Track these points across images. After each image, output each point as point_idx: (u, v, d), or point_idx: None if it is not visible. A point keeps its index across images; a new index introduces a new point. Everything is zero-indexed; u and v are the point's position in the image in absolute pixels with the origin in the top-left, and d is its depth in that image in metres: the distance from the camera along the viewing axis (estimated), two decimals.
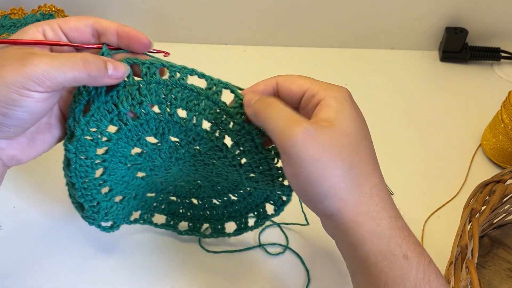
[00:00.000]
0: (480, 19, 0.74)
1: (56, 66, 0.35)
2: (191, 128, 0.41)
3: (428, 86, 0.73)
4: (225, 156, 0.42)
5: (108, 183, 0.45)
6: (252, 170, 0.42)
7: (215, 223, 0.52)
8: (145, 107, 0.40)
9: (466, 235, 0.43)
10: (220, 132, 0.41)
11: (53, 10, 0.63)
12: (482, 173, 0.61)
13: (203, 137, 0.41)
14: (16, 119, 0.36)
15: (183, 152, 0.43)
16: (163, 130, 0.42)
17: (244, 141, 0.40)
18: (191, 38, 0.77)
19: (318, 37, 0.77)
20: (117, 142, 0.42)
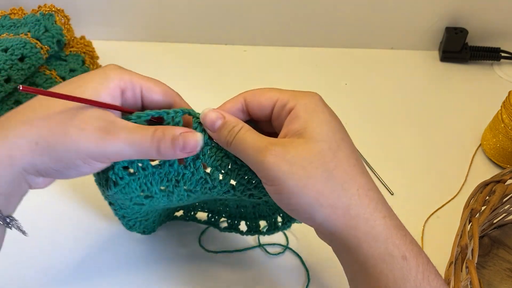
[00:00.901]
0: (480, 19, 0.74)
1: (131, 144, 0.35)
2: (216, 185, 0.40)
3: (428, 86, 0.73)
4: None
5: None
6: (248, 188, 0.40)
7: (250, 221, 0.51)
8: (198, 164, 0.38)
9: (466, 235, 0.43)
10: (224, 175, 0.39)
11: (53, 10, 0.63)
12: (482, 173, 0.61)
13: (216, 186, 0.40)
14: (66, 175, 0.36)
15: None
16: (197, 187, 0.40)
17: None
18: (191, 38, 0.77)
19: (318, 37, 0.77)
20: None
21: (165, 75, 0.72)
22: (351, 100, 0.71)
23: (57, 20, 0.62)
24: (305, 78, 0.74)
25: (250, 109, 0.39)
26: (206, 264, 0.52)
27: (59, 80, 0.62)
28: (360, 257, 0.35)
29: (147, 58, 0.75)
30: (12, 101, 0.59)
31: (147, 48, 0.77)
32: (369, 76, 0.74)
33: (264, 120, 0.39)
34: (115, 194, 0.40)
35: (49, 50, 0.61)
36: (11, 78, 0.58)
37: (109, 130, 0.34)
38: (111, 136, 0.34)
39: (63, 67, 0.64)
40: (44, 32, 0.60)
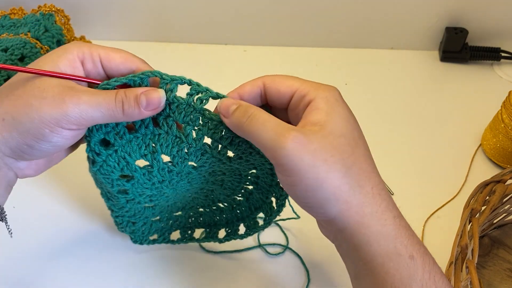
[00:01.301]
0: (480, 19, 0.74)
1: (94, 106, 0.35)
2: (198, 147, 0.40)
3: (428, 86, 0.73)
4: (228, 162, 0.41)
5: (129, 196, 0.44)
6: (253, 166, 0.42)
7: (247, 220, 0.50)
8: (170, 122, 0.39)
9: (466, 235, 0.43)
10: (222, 147, 0.40)
11: (53, 10, 0.63)
12: (482, 173, 0.61)
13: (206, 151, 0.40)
14: (40, 150, 0.36)
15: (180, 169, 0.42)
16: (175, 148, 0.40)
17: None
18: (191, 38, 0.78)
19: (318, 37, 0.77)
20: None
21: None
22: (351, 100, 0.70)
23: (57, 20, 0.63)
24: (305, 78, 0.73)
25: (268, 95, 0.39)
26: (206, 265, 0.52)
27: None
28: (368, 255, 0.35)
29: (147, 58, 0.74)
30: None
31: (147, 48, 0.77)
32: (369, 76, 0.74)
33: (280, 108, 0.39)
34: (95, 175, 0.40)
35: (49, 50, 0.61)
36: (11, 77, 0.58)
37: (67, 94, 0.34)
38: (72, 98, 0.34)
39: None
40: (44, 32, 0.60)
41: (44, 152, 0.36)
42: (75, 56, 0.37)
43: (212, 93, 0.40)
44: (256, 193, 0.47)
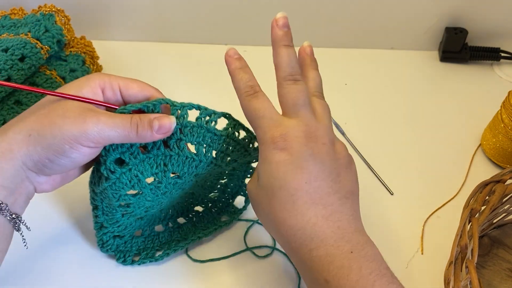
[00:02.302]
0: (480, 19, 0.74)
1: (111, 126, 0.39)
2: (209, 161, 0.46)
3: (428, 86, 0.73)
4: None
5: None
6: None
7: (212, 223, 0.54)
8: (182, 145, 0.44)
9: (466, 235, 0.43)
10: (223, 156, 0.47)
11: (53, 10, 0.63)
12: (481, 173, 0.61)
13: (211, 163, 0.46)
14: (60, 165, 0.40)
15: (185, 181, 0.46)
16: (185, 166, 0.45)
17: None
18: (191, 38, 0.78)
19: (318, 37, 0.77)
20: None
21: (165, 75, 0.73)
22: (351, 100, 0.71)
23: (57, 20, 0.63)
24: None
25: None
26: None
27: (59, 80, 0.62)
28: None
29: (147, 58, 0.75)
30: (12, 101, 0.59)
31: (147, 48, 0.77)
32: (369, 76, 0.75)
33: None
34: (105, 190, 0.43)
35: (49, 50, 0.61)
36: (12, 78, 0.58)
37: (87, 114, 0.39)
38: (92, 118, 0.39)
39: (64, 67, 0.64)
40: (45, 32, 0.60)
41: (63, 167, 0.40)
42: (97, 84, 0.42)
43: (219, 114, 0.47)
44: (231, 182, 0.52)
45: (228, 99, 0.70)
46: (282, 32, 0.45)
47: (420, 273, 0.52)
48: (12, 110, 0.59)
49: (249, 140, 0.47)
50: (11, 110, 0.59)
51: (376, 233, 0.56)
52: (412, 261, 0.53)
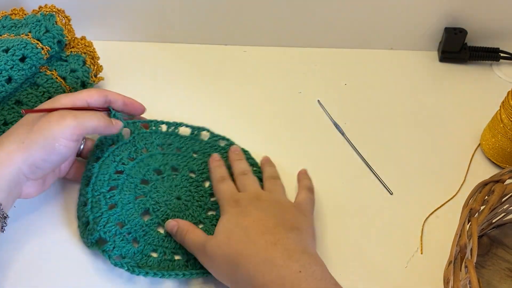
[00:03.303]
0: (479, 20, 0.74)
1: (84, 118, 0.51)
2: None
3: (427, 86, 0.74)
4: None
5: (115, 200, 0.53)
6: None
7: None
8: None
9: (465, 234, 0.43)
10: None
11: (54, 10, 0.63)
12: (481, 173, 0.61)
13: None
14: (51, 163, 0.49)
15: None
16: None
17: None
18: (191, 38, 0.78)
19: (318, 37, 0.77)
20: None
21: (165, 75, 0.73)
22: (351, 100, 0.71)
23: (57, 20, 0.63)
24: (305, 78, 0.74)
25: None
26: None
27: (60, 80, 0.62)
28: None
29: (147, 58, 0.76)
30: (13, 101, 0.59)
31: (147, 48, 0.77)
32: (369, 76, 0.75)
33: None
34: (101, 168, 0.55)
35: (49, 51, 0.61)
36: (12, 78, 0.58)
37: (65, 115, 0.49)
38: (69, 115, 0.50)
39: (64, 67, 0.64)
40: (45, 33, 0.60)
41: (54, 164, 0.50)
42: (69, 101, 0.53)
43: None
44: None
45: (228, 99, 0.70)
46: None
47: (419, 272, 0.53)
48: (13, 110, 0.59)
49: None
50: (12, 110, 0.59)
51: (375, 232, 0.56)
52: (412, 261, 0.54)
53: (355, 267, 0.53)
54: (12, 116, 0.59)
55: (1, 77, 0.57)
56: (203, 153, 0.60)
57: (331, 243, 0.55)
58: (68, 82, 0.63)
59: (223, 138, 0.62)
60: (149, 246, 0.52)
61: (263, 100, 0.70)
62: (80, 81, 0.65)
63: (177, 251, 0.52)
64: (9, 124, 0.58)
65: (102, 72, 0.69)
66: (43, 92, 0.61)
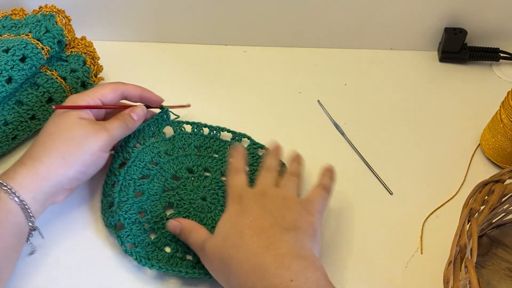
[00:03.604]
0: (479, 20, 0.74)
1: (114, 130, 0.54)
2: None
3: (427, 86, 0.74)
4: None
5: (143, 188, 0.56)
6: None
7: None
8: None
9: (465, 234, 0.43)
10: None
11: (54, 10, 0.63)
12: (481, 173, 0.61)
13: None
14: (89, 174, 0.53)
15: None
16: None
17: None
18: (191, 39, 0.78)
19: (318, 38, 0.77)
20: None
21: (165, 76, 0.73)
22: (351, 100, 0.71)
23: (58, 20, 0.63)
24: (305, 78, 0.74)
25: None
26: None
27: (60, 80, 0.62)
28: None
29: (147, 58, 0.76)
30: (13, 101, 0.60)
31: (147, 48, 0.77)
32: (369, 76, 0.75)
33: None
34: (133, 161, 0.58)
35: (50, 51, 0.61)
36: (12, 78, 0.58)
37: (100, 130, 0.53)
38: (102, 131, 0.53)
39: (64, 67, 0.64)
40: (45, 33, 0.61)
41: (91, 174, 0.53)
42: (84, 100, 0.55)
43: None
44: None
45: (227, 98, 0.70)
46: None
47: (419, 272, 0.53)
48: (13, 111, 0.59)
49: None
50: (12, 110, 0.59)
51: (375, 233, 0.56)
52: (412, 261, 0.54)
53: (355, 267, 0.53)
54: (13, 116, 0.59)
55: (1, 77, 0.57)
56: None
57: (331, 243, 0.55)
58: (68, 82, 0.63)
59: (262, 147, 0.62)
60: (164, 239, 0.53)
61: (263, 100, 0.70)
62: (80, 81, 0.65)
63: (190, 251, 0.52)
64: (9, 124, 0.58)
65: (102, 72, 0.69)
66: (43, 92, 0.61)
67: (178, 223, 0.52)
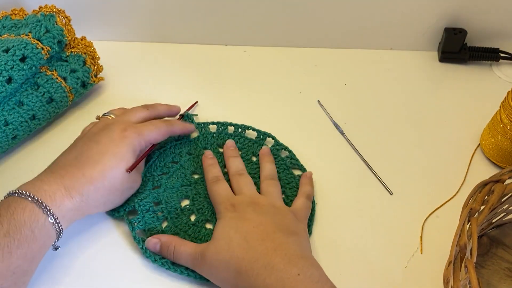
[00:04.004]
0: (479, 20, 0.74)
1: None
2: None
3: (427, 86, 0.74)
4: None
5: (161, 182, 0.58)
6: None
7: None
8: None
9: (465, 234, 0.43)
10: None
11: (54, 10, 0.63)
12: (481, 173, 0.61)
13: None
14: (126, 197, 0.55)
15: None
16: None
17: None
18: (191, 39, 0.78)
19: (318, 38, 0.77)
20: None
21: (165, 76, 0.73)
22: (350, 100, 0.71)
23: (58, 20, 0.63)
24: (305, 78, 0.74)
25: None
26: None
27: (60, 80, 0.62)
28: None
29: (147, 58, 0.76)
30: (14, 101, 0.60)
31: (147, 48, 0.77)
32: (369, 76, 0.75)
33: None
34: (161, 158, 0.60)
35: (50, 51, 0.61)
36: (13, 78, 0.58)
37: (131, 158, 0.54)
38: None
39: (64, 67, 0.64)
40: (45, 33, 0.61)
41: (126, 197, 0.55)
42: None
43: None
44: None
45: (227, 98, 0.70)
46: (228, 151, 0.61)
47: (419, 272, 0.53)
48: (13, 111, 0.59)
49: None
50: (12, 110, 0.59)
51: (375, 232, 0.56)
52: (412, 261, 0.54)
53: (355, 267, 0.53)
54: (13, 116, 0.59)
55: (2, 77, 0.57)
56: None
57: (331, 243, 0.55)
58: (69, 82, 0.63)
59: (286, 149, 0.63)
60: (175, 228, 0.54)
61: (263, 100, 0.70)
62: (81, 81, 0.65)
63: (197, 241, 0.53)
64: (9, 124, 0.58)
65: (102, 72, 0.69)
66: (44, 92, 0.61)
67: (157, 239, 0.52)
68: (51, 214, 0.46)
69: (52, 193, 0.47)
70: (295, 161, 0.61)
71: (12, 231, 0.43)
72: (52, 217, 0.46)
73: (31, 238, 0.44)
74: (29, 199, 0.45)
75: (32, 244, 0.45)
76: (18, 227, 0.44)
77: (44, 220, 0.46)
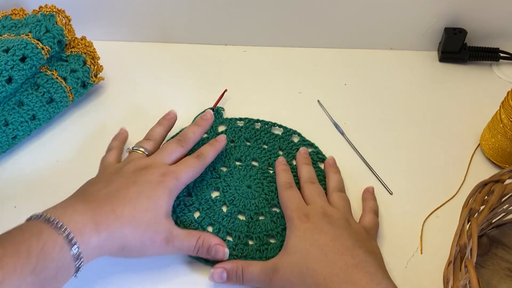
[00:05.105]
0: (479, 20, 0.74)
1: (180, 250, 0.51)
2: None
3: (427, 86, 0.74)
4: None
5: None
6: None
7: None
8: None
9: (465, 234, 0.43)
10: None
11: (54, 10, 0.63)
12: (480, 173, 0.61)
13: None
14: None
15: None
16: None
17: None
18: (191, 38, 0.78)
19: (318, 38, 0.77)
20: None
21: (165, 76, 0.73)
22: (351, 100, 0.71)
23: (58, 20, 0.63)
24: (305, 78, 0.74)
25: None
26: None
27: (60, 80, 0.62)
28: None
29: (147, 58, 0.76)
30: (14, 101, 0.60)
31: (148, 48, 0.77)
32: (369, 76, 0.75)
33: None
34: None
35: (50, 51, 0.61)
36: (13, 78, 0.58)
37: (168, 240, 0.49)
38: (169, 246, 0.49)
39: (64, 67, 0.64)
40: (45, 33, 0.61)
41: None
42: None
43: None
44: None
45: (227, 98, 0.70)
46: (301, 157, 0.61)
47: (419, 272, 0.53)
48: (13, 111, 0.59)
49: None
50: (12, 110, 0.59)
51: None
52: (411, 261, 0.54)
53: None
54: (13, 116, 0.59)
55: (2, 77, 0.57)
56: (288, 153, 0.62)
57: None
58: (69, 82, 0.64)
59: (312, 145, 0.63)
60: (208, 219, 0.55)
61: (263, 100, 0.70)
62: (81, 81, 0.65)
63: (232, 232, 0.54)
64: (9, 125, 0.58)
65: (102, 72, 0.69)
66: (44, 92, 0.61)
67: (220, 268, 0.50)
68: (78, 253, 0.43)
69: (83, 225, 0.44)
70: (322, 156, 0.63)
71: (39, 268, 0.40)
72: (78, 256, 0.44)
73: (53, 279, 0.42)
74: (60, 231, 0.43)
75: (53, 284, 0.42)
76: (46, 265, 0.41)
77: (70, 259, 0.43)
